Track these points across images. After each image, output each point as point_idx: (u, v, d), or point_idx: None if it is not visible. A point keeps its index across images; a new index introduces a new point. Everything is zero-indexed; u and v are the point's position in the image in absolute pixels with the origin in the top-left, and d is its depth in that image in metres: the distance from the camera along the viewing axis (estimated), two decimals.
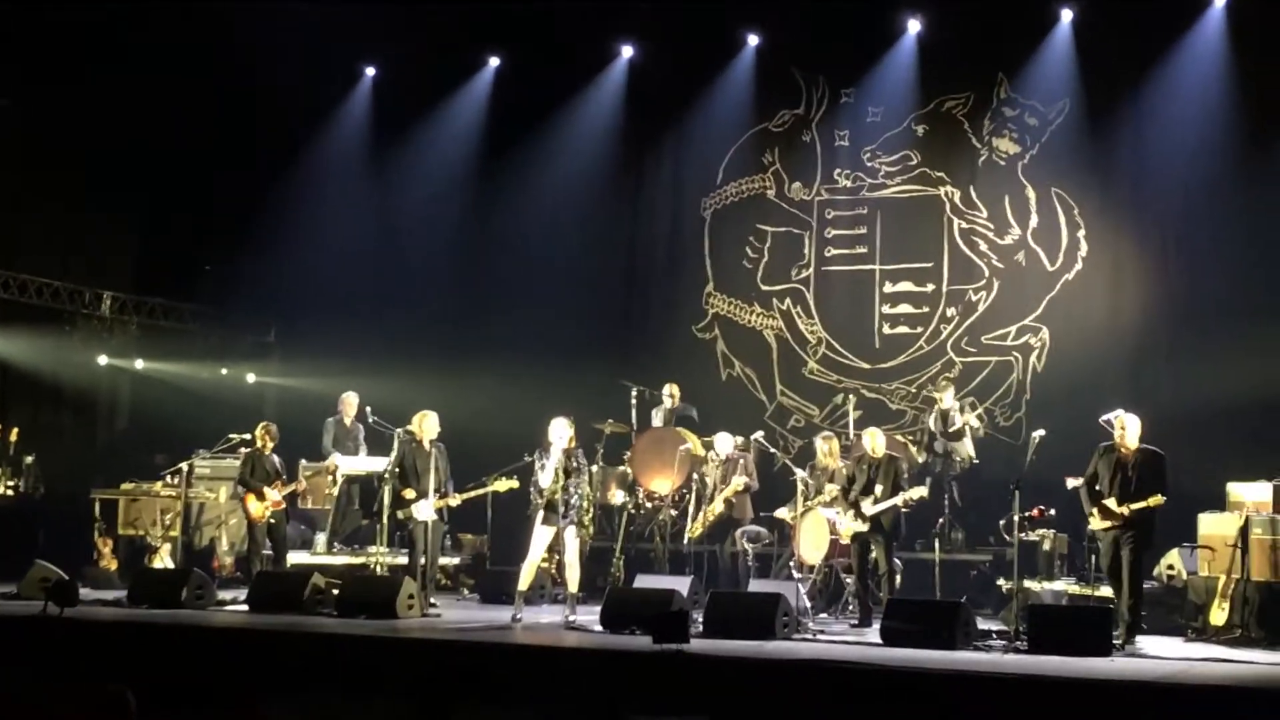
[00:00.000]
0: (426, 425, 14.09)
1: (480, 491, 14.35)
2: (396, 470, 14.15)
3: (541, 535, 13.35)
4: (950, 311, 17.36)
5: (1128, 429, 12.30)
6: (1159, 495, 11.98)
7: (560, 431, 13.30)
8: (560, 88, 18.71)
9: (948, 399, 15.86)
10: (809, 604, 13.55)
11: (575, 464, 13.32)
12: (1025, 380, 16.97)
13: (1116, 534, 12.21)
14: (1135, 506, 12.05)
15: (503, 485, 14.15)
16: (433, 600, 14.06)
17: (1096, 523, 12.34)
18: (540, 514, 13.31)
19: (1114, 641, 11.69)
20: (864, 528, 13.45)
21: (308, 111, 19.31)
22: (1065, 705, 9.98)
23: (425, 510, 13.92)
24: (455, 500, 14.22)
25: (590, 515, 13.93)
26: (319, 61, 18.53)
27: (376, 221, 19.26)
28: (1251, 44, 15.75)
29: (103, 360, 18.60)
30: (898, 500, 13.37)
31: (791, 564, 14.42)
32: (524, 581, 13.55)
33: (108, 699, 6.68)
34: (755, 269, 18.29)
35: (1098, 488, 12.34)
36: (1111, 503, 12.16)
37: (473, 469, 14.50)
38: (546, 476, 13.25)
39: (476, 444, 14.99)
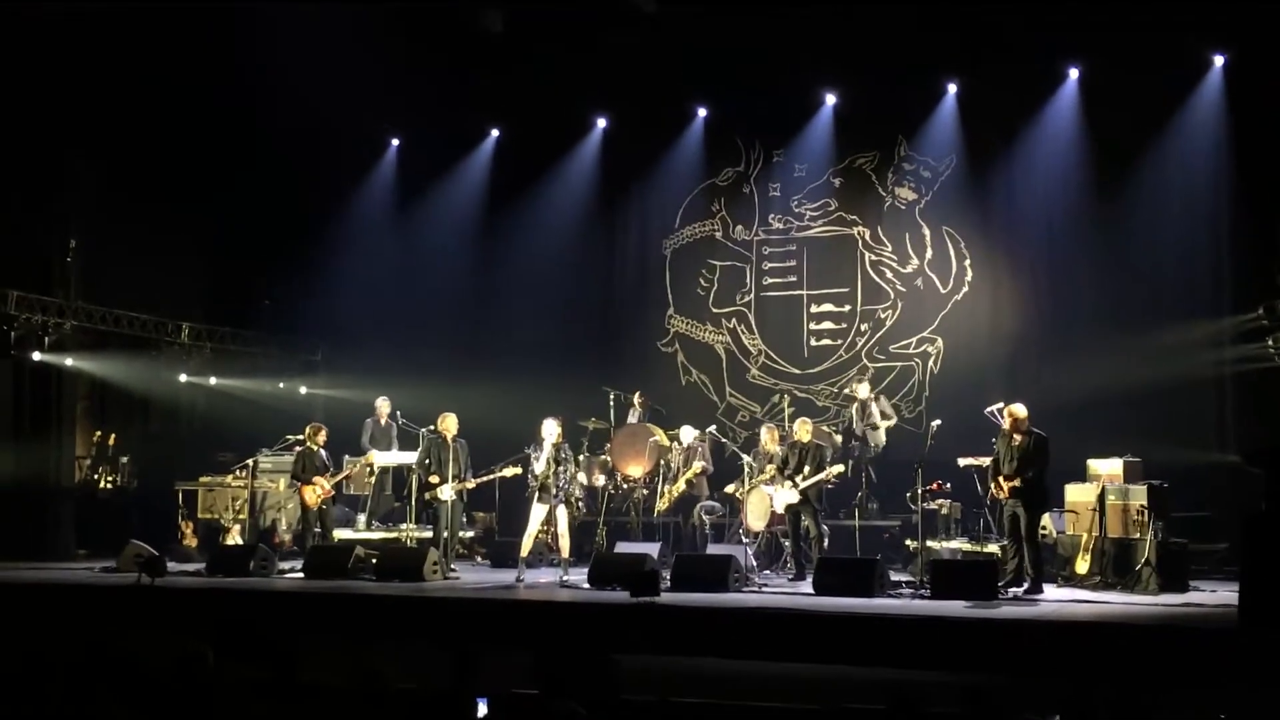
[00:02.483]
0: (448, 424, 14.06)
1: (491, 476, 14.29)
2: (426, 461, 14.11)
3: (537, 511, 13.36)
4: (864, 327, 17.36)
5: (1009, 417, 12.38)
6: (1028, 473, 12.01)
7: (550, 429, 13.32)
8: (548, 153, 18.67)
9: (863, 391, 15.87)
10: (755, 563, 13.56)
11: (563, 455, 13.33)
12: (925, 381, 16.98)
13: (1011, 501, 12.27)
14: (1011, 484, 12.14)
15: (509, 471, 14.12)
16: (453, 566, 14.01)
17: (1000, 494, 12.42)
18: (536, 494, 13.32)
19: (1012, 588, 11.78)
20: (796, 500, 13.45)
21: (346, 172, 19.26)
22: (961, 639, 10.02)
23: (447, 492, 13.88)
24: (471, 484, 14.16)
25: (577, 495, 13.89)
26: (355, 132, 18.50)
27: (402, 261, 19.17)
28: (1099, 108, 15.80)
29: (183, 378, 18.48)
30: (821, 476, 13.38)
31: (740, 531, 14.42)
32: (525, 549, 13.52)
33: (190, 653, 6.63)
34: (707, 295, 18.26)
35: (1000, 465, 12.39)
36: (1001, 479, 12.24)
37: (482, 459, 14.44)
38: (539, 464, 13.29)
39: (484, 438, 14.91)
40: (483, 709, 6.40)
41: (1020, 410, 12.33)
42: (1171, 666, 9.07)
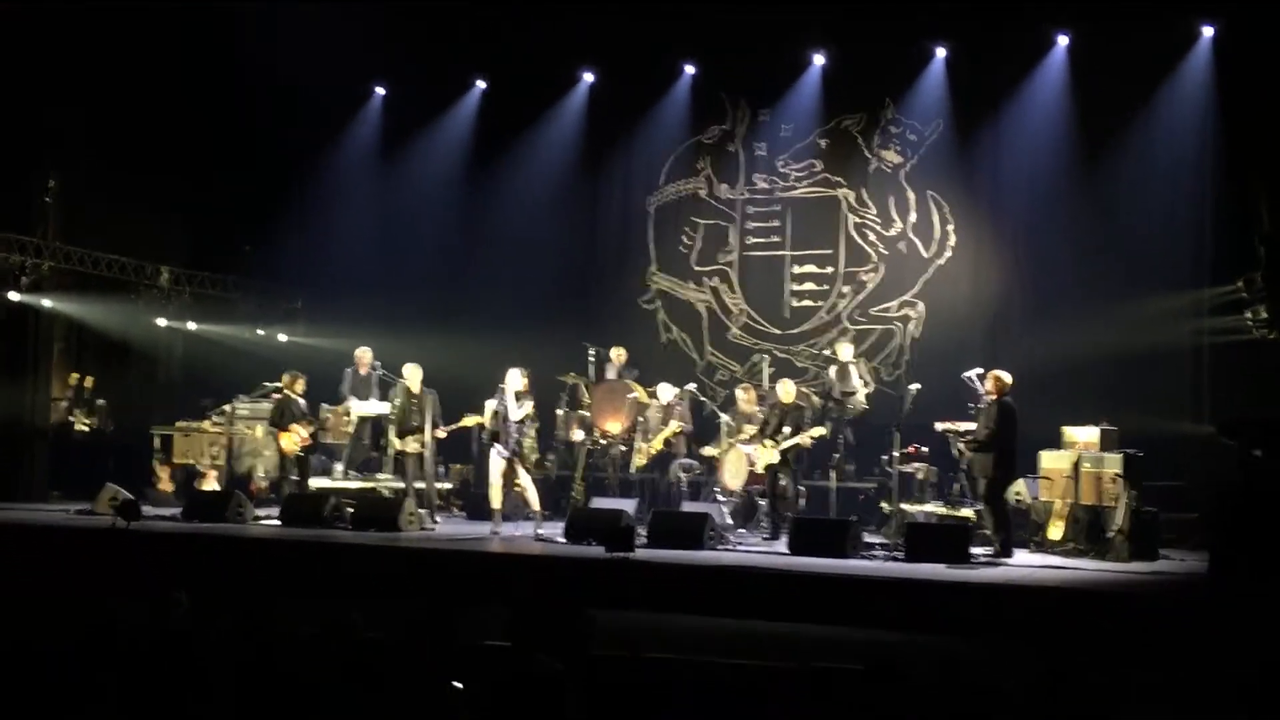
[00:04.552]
0: (408, 374, 14.07)
1: (454, 426, 14.27)
2: (398, 414, 14.14)
3: (494, 461, 13.41)
4: (845, 289, 17.33)
5: (995, 381, 12.46)
6: (980, 435, 12.28)
7: (511, 379, 13.32)
8: (533, 106, 18.52)
9: (846, 352, 15.84)
10: (730, 521, 13.60)
11: (517, 406, 13.26)
12: (905, 344, 16.98)
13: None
14: (966, 443, 12.41)
15: (471, 421, 14.12)
16: (436, 518, 13.98)
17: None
18: (491, 444, 13.40)
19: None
20: (776, 460, 13.47)
21: (330, 120, 19.10)
22: (934, 601, 10.07)
23: (411, 444, 13.95)
24: (435, 434, 14.11)
25: (530, 446, 13.71)
26: (340, 80, 18.31)
27: (385, 211, 19.09)
28: (1085, 77, 15.76)
29: (161, 322, 18.41)
30: (800, 438, 13.39)
31: (717, 489, 14.44)
32: (494, 500, 13.53)
33: (166, 599, 6.62)
34: (690, 253, 18.21)
35: None
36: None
37: (460, 410, 14.41)
38: (486, 411, 13.32)
39: (463, 390, 14.88)
40: None
41: (1000, 375, 12.44)
42: (1140, 631, 9.13)
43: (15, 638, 6.28)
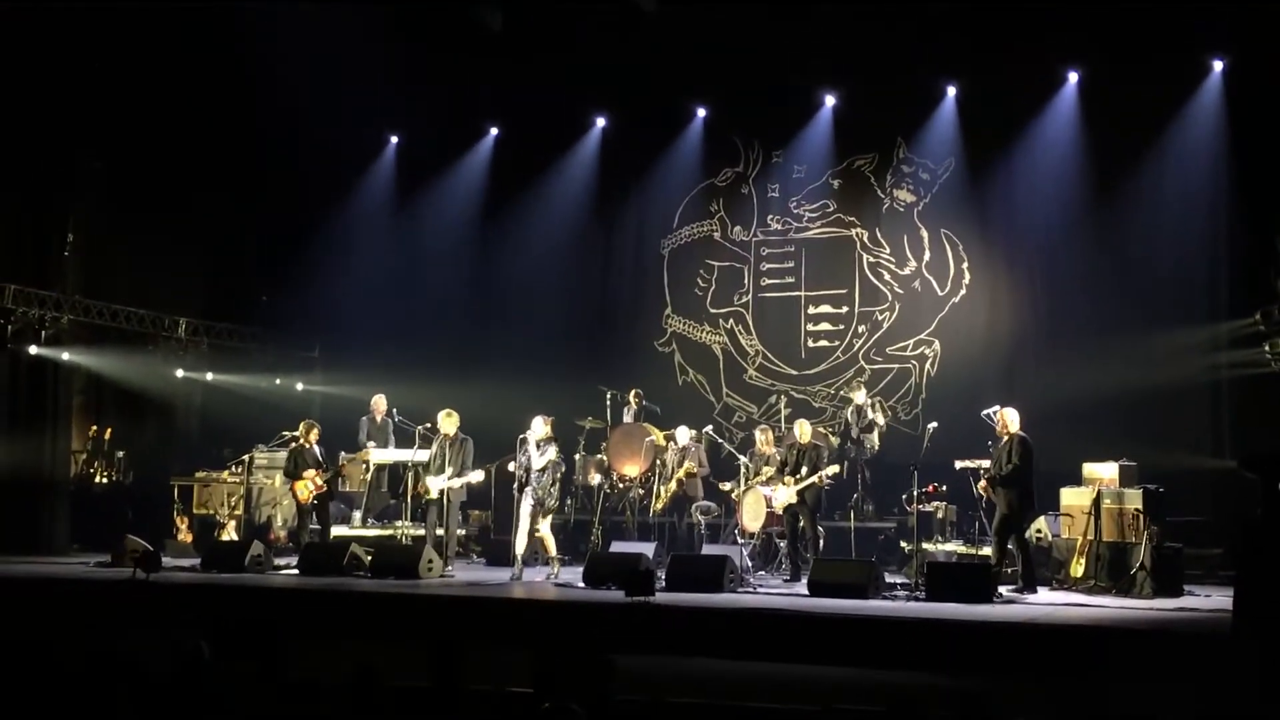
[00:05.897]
0: (440, 421, 14.08)
1: (460, 480, 14.07)
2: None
3: (523, 508, 13.37)
4: (861, 328, 17.37)
5: (1002, 420, 12.47)
6: (1001, 472, 12.21)
7: (534, 427, 13.33)
8: (547, 151, 18.68)
9: (860, 396, 15.88)
10: (750, 563, 13.56)
11: (542, 454, 13.24)
12: (921, 383, 16.99)
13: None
14: (989, 481, 12.35)
15: (475, 477, 14.03)
16: (450, 566, 13.94)
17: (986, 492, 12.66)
18: (520, 490, 13.38)
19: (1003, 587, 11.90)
20: (794, 500, 13.46)
21: (345, 171, 19.25)
22: (956, 641, 10.02)
23: (433, 488, 13.93)
24: (455, 483, 14.00)
25: (552, 495, 13.58)
26: (354, 130, 18.48)
27: (400, 259, 19.18)
28: (1097, 113, 15.82)
29: (179, 373, 18.49)
30: (817, 477, 13.38)
31: (736, 532, 14.42)
32: (519, 547, 13.51)
33: (186, 649, 6.64)
34: (705, 296, 18.27)
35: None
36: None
37: (478, 456, 14.40)
38: (514, 462, 13.34)
39: (480, 436, 14.88)
40: None
41: (1007, 414, 12.44)
42: (1165, 671, 9.07)
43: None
